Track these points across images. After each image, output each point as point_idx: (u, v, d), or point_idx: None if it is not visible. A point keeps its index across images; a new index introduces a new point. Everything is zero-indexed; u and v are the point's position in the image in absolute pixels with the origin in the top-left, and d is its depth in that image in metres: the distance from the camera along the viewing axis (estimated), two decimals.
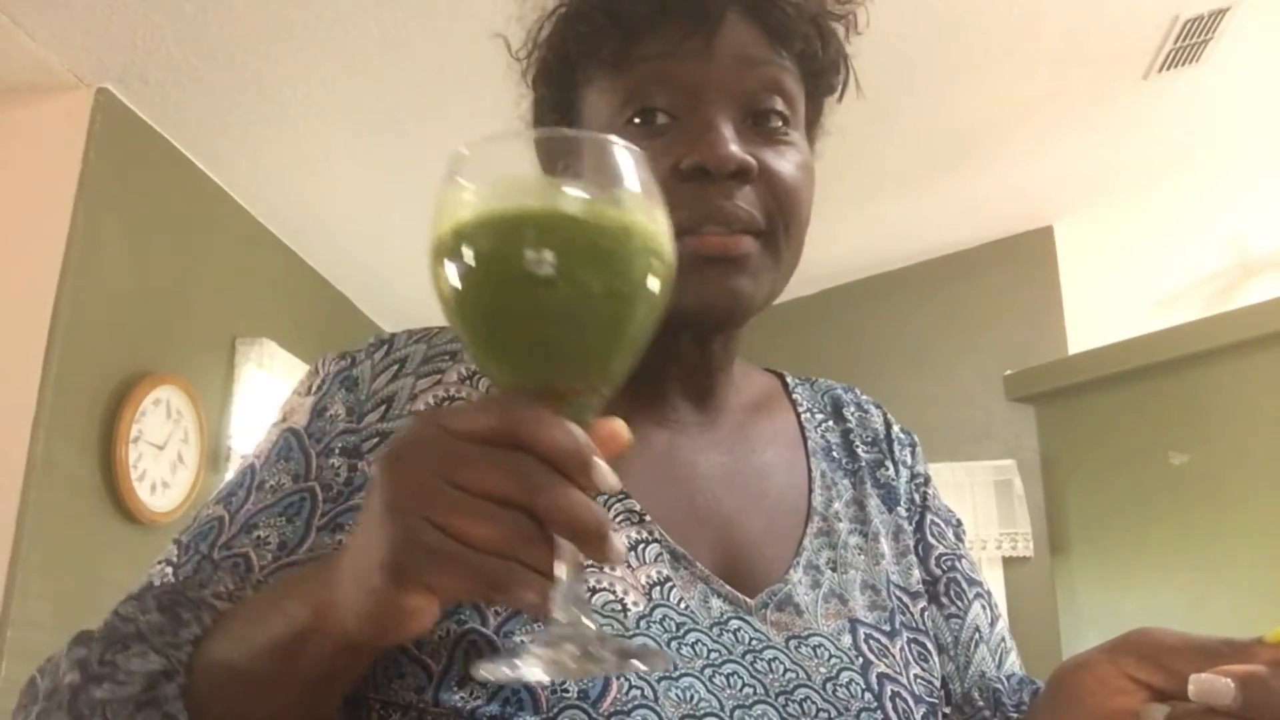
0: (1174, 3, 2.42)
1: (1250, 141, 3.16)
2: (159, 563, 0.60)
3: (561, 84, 0.67)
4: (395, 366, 0.64)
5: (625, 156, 0.42)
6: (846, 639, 0.62)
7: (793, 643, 0.60)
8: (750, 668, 0.58)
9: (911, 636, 0.66)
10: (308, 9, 2.16)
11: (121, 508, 2.32)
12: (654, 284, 0.42)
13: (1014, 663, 0.73)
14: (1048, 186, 3.34)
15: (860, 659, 0.61)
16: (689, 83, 0.60)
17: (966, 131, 2.93)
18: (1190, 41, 2.56)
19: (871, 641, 0.63)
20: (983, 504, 3.41)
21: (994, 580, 3.40)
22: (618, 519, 0.60)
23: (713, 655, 0.57)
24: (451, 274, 0.41)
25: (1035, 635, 3.10)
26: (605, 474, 0.39)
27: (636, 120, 0.61)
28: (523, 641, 0.54)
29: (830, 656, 0.61)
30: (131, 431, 2.33)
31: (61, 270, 2.22)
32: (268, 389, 2.78)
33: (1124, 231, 3.72)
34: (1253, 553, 2.78)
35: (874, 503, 0.73)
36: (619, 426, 0.43)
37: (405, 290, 3.55)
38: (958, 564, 0.74)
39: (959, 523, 0.78)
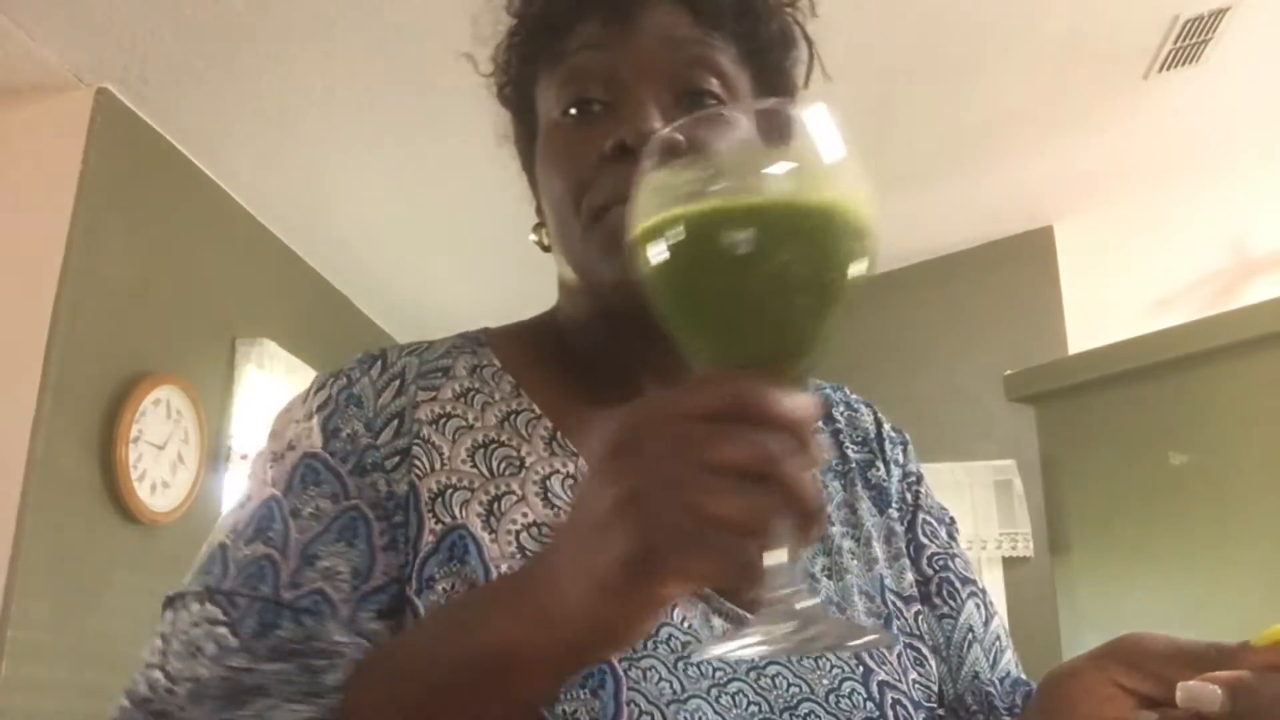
0: (1174, 3, 2.42)
1: (1250, 141, 3.16)
2: (200, 625, 0.53)
3: (522, 90, 0.68)
4: (396, 382, 0.64)
5: (830, 126, 0.42)
6: None
7: (794, 655, 0.60)
8: (755, 685, 0.57)
9: (908, 642, 0.66)
10: (308, 9, 2.16)
11: (121, 508, 2.32)
12: (860, 261, 0.42)
13: (1009, 662, 0.72)
14: (1048, 186, 3.34)
15: (861, 668, 0.61)
16: (614, 69, 0.61)
17: (966, 131, 2.93)
18: (1190, 41, 2.56)
19: (871, 649, 0.63)
20: (983, 504, 3.41)
21: (994, 580, 3.40)
22: None
23: (718, 675, 0.57)
24: (661, 259, 0.41)
25: (1035, 635, 3.10)
26: (822, 445, 0.39)
27: (572, 111, 0.62)
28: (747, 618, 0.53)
29: (832, 667, 0.60)
30: (131, 431, 2.33)
31: (61, 270, 2.22)
32: (268, 389, 2.78)
33: (1124, 231, 3.72)
34: (1253, 553, 2.78)
35: (865, 505, 0.72)
36: (815, 399, 0.43)
37: (405, 290, 3.55)
38: (950, 563, 0.74)
39: (952, 521, 0.78)
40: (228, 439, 2.73)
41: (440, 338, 0.69)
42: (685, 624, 0.58)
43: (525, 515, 0.59)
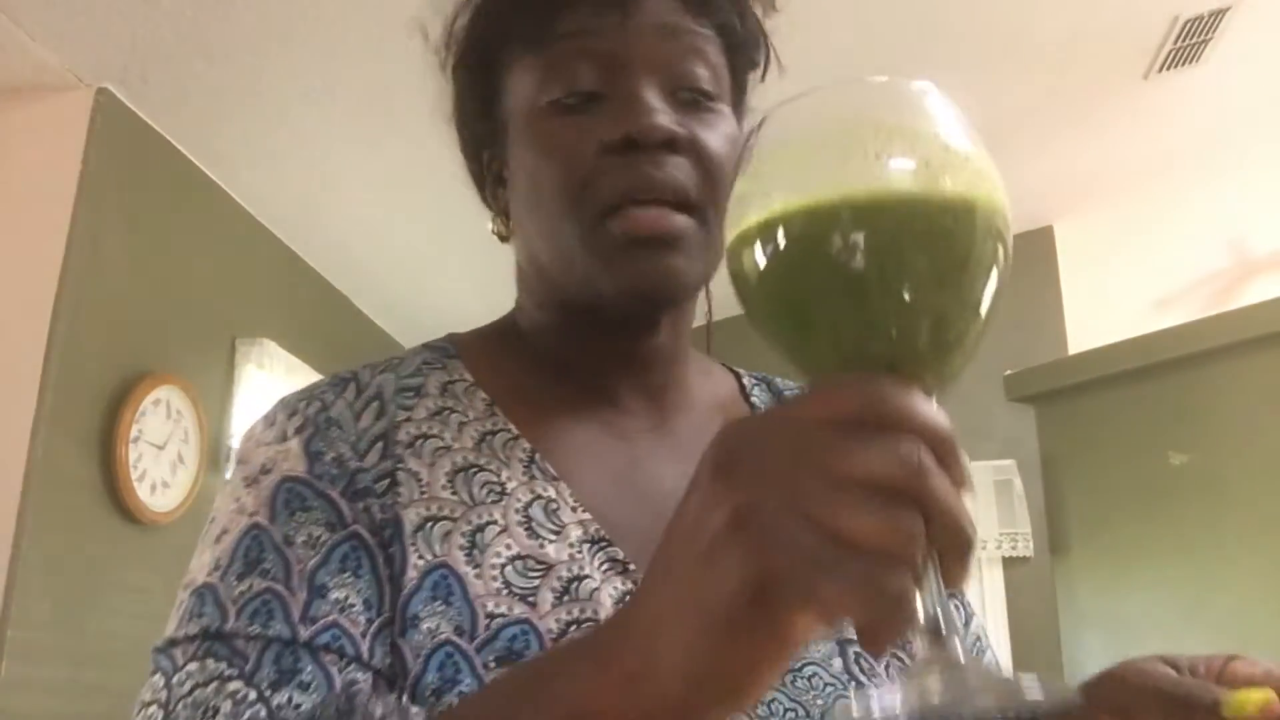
0: (1174, 3, 2.41)
1: (1250, 141, 3.16)
2: (209, 684, 0.48)
3: (484, 69, 0.64)
4: (375, 403, 0.60)
5: (951, 109, 0.38)
6: (837, 663, 0.60)
7: (788, 676, 0.57)
8: (752, 713, 0.55)
9: (893, 650, 0.65)
10: (308, 9, 2.16)
11: (121, 508, 2.32)
12: (999, 264, 0.37)
13: (990, 662, 0.70)
14: (1048, 186, 3.34)
15: (852, 683, 0.59)
16: (610, 57, 0.58)
17: None
18: (1190, 41, 2.56)
19: (861, 661, 0.61)
20: (983, 504, 3.41)
21: (994, 580, 3.40)
22: (601, 568, 0.57)
23: None
24: (767, 262, 0.37)
25: (1035, 635, 3.10)
26: (968, 467, 0.33)
27: (562, 100, 0.59)
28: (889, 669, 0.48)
29: (825, 685, 0.58)
30: (131, 431, 2.33)
31: (61, 270, 2.22)
32: (268, 389, 2.78)
33: (1124, 231, 3.72)
34: (1253, 553, 2.78)
35: None
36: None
37: (405, 290, 3.55)
38: None
39: None
40: (228, 439, 2.73)
41: (408, 349, 0.67)
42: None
43: (509, 547, 0.56)
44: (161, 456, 2.47)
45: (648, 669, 0.35)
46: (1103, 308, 3.91)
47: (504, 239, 0.68)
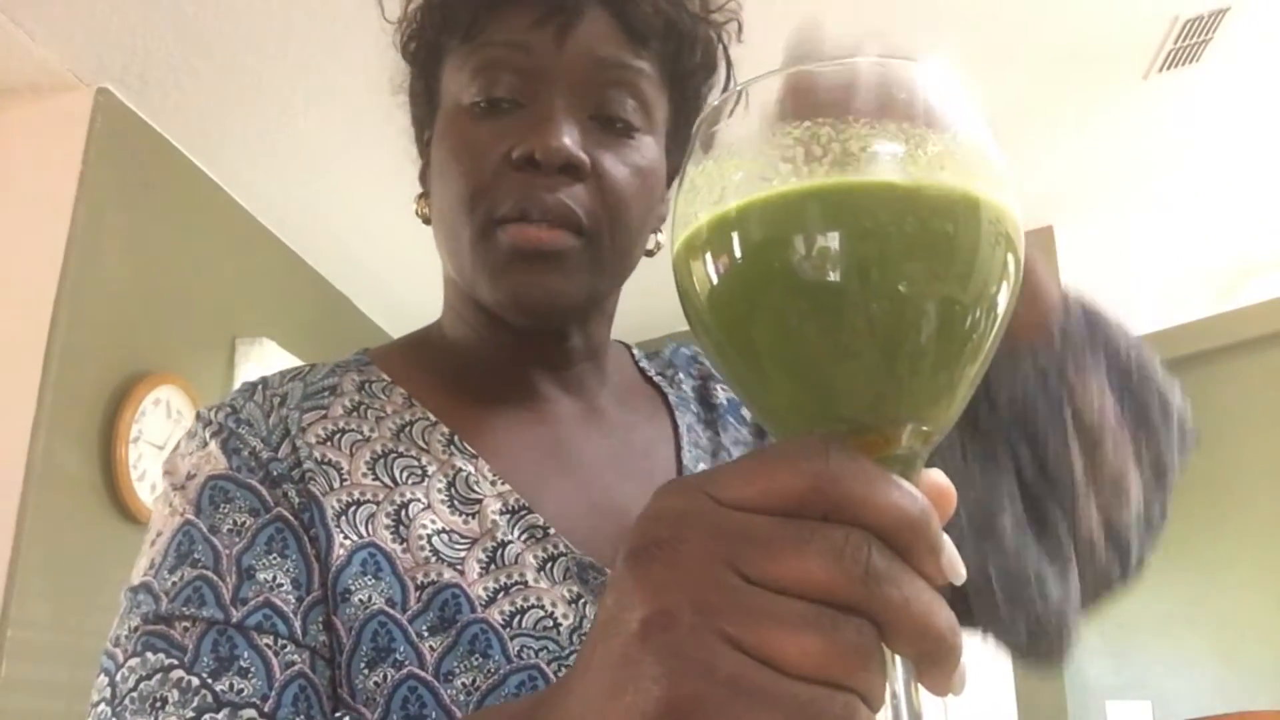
0: (1174, 3, 2.41)
1: (1250, 142, 3.15)
2: (151, 677, 0.50)
3: (427, 53, 0.65)
4: (277, 400, 0.62)
5: (954, 88, 0.31)
6: None
7: None
8: None
9: None
10: (308, 9, 2.16)
11: (121, 508, 2.32)
12: (1008, 278, 0.29)
13: None
14: (1048, 186, 3.34)
15: None
16: (535, 73, 0.58)
17: None
18: (1190, 41, 2.56)
19: None
20: None
21: None
22: (522, 537, 0.58)
23: None
24: (711, 277, 0.29)
25: None
26: (956, 560, 0.28)
27: (481, 104, 0.59)
28: None
29: None
30: (131, 431, 2.33)
31: (61, 270, 2.22)
32: None
33: (1124, 231, 3.72)
34: (1253, 553, 2.78)
35: (734, 436, 0.71)
36: (946, 482, 0.31)
37: (405, 290, 3.55)
38: None
39: None
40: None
41: (316, 363, 0.68)
42: None
43: (434, 521, 0.57)
44: (161, 456, 2.47)
45: None
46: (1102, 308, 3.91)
47: (427, 221, 0.69)
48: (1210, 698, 2.66)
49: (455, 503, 0.59)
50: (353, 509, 0.57)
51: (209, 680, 0.49)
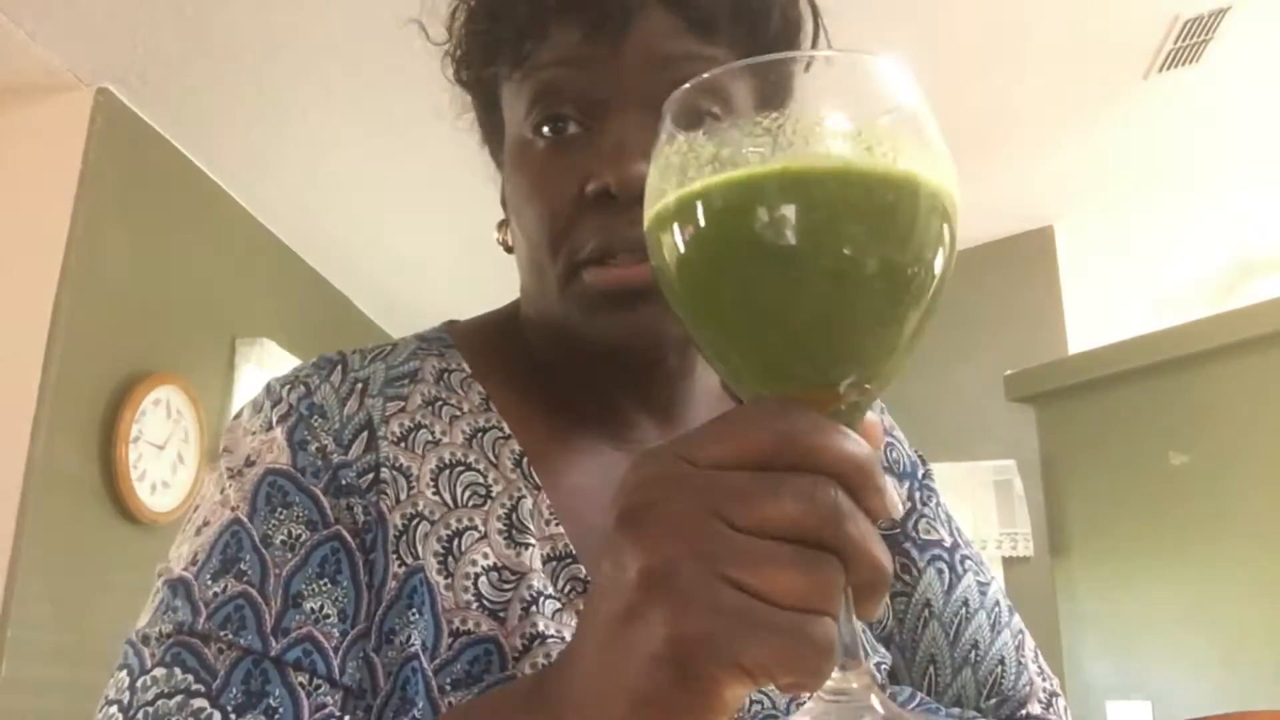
0: (1174, 3, 2.41)
1: (1250, 142, 3.15)
2: (172, 696, 0.46)
3: (480, 85, 0.61)
4: (360, 386, 0.58)
5: (900, 79, 0.35)
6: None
7: None
8: None
9: (863, 626, 0.61)
10: (308, 9, 2.16)
11: (121, 508, 2.32)
12: (945, 249, 0.34)
13: (976, 631, 0.63)
14: (1048, 186, 3.34)
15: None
16: (594, 91, 0.53)
17: (966, 131, 2.93)
18: (1190, 41, 2.55)
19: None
20: (983, 504, 3.41)
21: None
22: (565, 588, 0.54)
23: None
24: (678, 248, 0.34)
25: (1035, 635, 3.10)
26: (894, 497, 0.32)
27: (545, 130, 0.55)
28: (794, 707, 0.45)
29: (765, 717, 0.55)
30: (131, 431, 2.33)
31: (61, 270, 2.22)
32: None
33: (1124, 231, 3.72)
34: (1253, 553, 2.78)
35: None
36: (875, 419, 0.35)
37: (405, 290, 3.55)
38: (910, 527, 0.64)
39: (919, 465, 0.69)
40: (220, 447, 2.73)
41: (400, 339, 0.64)
42: None
43: (485, 556, 0.53)
44: (161, 456, 2.47)
45: None
46: (1103, 308, 3.91)
47: (509, 249, 0.64)
48: (1210, 698, 2.65)
49: (513, 533, 0.55)
50: (414, 524, 0.53)
51: (232, 716, 0.46)
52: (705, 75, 0.36)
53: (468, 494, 0.55)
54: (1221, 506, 2.98)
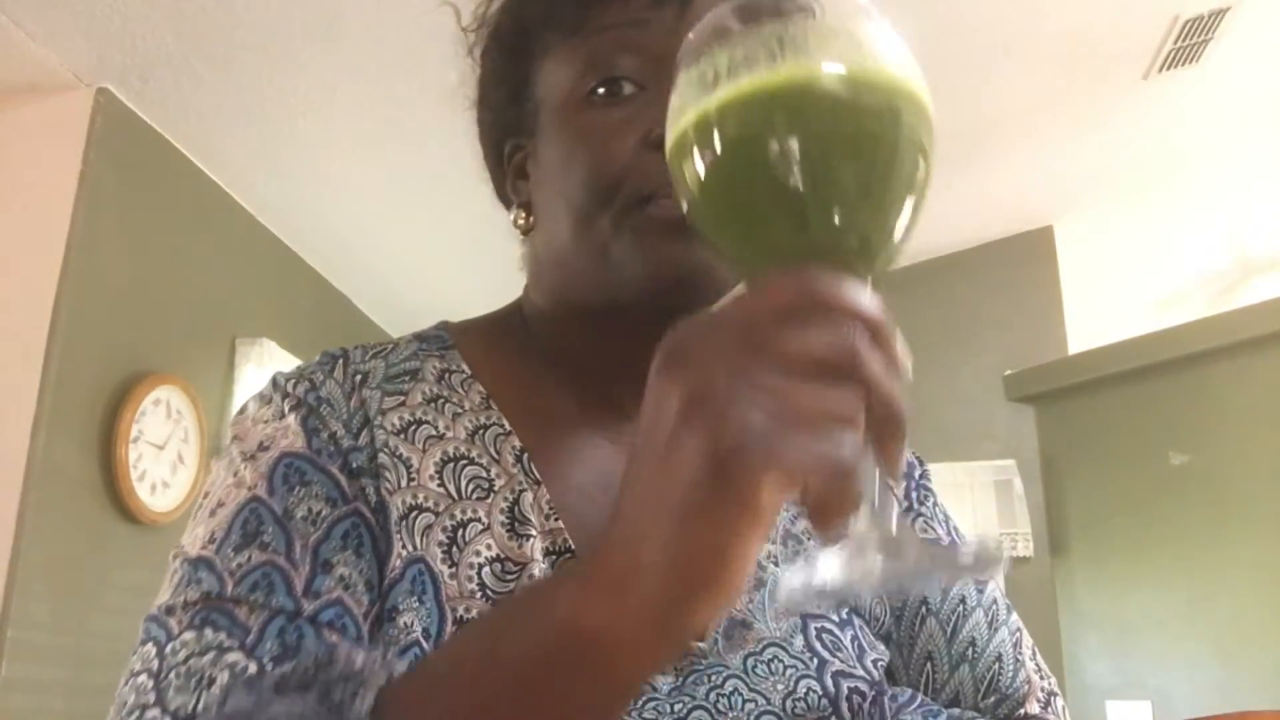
0: (1174, 3, 2.41)
1: (1250, 142, 3.16)
2: (206, 653, 0.46)
3: (516, 54, 0.62)
4: (359, 379, 0.59)
5: (883, 24, 0.40)
6: (799, 640, 0.58)
7: (750, 661, 0.56)
8: (713, 708, 0.54)
9: (861, 623, 0.62)
10: (308, 9, 2.16)
11: (121, 508, 2.32)
12: (924, 153, 0.39)
13: (1001, 641, 0.64)
14: (1048, 186, 3.34)
15: (815, 660, 0.57)
16: (660, 52, 0.54)
17: (966, 131, 2.93)
18: (1190, 41, 2.56)
19: (825, 636, 0.59)
20: (983, 504, 3.41)
21: (994, 580, 3.41)
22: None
23: (678, 707, 0.53)
24: (700, 164, 0.38)
25: (1035, 635, 3.10)
26: (905, 351, 0.35)
27: (600, 90, 0.56)
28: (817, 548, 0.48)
29: (786, 667, 0.57)
30: (131, 431, 2.33)
31: (61, 270, 2.22)
32: None
33: (1124, 231, 3.72)
34: (1253, 553, 2.78)
35: None
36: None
37: (405, 289, 3.55)
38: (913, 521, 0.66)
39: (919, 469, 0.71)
40: (228, 439, 2.73)
41: (399, 338, 0.64)
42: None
43: (489, 548, 0.55)
44: (161, 456, 2.47)
45: (629, 574, 0.35)
46: (1103, 308, 3.91)
47: (526, 232, 0.64)
48: (1210, 698, 2.65)
49: (515, 525, 0.56)
50: (414, 514, 0.54)
51: (269, 666, 0.45)
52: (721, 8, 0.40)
53: (471, 486, 0.56)
54: (1221, 506, 2.98)
